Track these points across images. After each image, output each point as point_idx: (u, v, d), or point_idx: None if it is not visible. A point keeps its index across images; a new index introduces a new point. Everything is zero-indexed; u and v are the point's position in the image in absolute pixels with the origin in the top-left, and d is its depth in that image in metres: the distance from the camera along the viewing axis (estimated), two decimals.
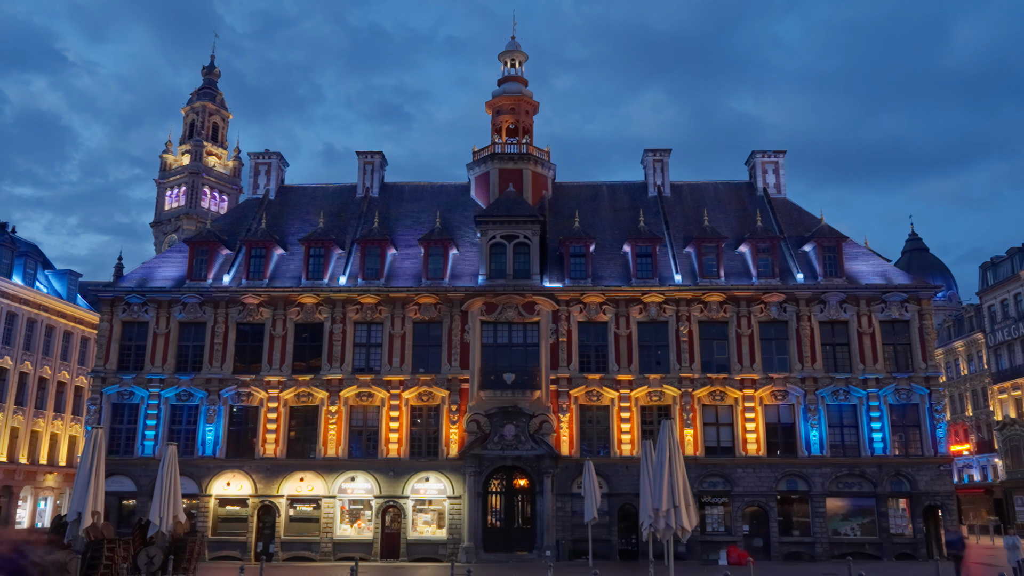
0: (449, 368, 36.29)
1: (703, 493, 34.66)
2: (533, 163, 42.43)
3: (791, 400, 35.78)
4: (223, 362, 36.61)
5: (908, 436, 35.61)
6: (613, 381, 36.02)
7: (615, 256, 38.93)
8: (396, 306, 37.08)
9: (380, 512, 35.03)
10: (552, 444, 34.99)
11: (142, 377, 36.41)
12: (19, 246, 48.49)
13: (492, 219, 37.95)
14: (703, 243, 37.99)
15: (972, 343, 63.16)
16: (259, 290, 37.23)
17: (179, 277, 38.26)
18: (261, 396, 36.18)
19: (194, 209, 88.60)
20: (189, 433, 35.98)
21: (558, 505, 34.51)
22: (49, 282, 50.62)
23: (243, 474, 35.43)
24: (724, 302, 36.84)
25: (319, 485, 35.27)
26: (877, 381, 35.83)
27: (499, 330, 37.01)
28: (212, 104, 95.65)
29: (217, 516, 35.36)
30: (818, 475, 34.87)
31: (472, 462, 34.60)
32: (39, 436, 48.44)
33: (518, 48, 46.76)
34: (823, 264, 37.72)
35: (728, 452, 35.47)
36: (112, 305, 37.44)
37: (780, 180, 43.06)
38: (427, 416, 36.20)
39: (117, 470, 34.25)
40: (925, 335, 36.52)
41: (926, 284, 38.30)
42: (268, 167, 44.07)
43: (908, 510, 34.79)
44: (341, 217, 41.89)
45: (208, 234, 40.27)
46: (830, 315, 36.72)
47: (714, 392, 35.87)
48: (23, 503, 47.30)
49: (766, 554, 33.96)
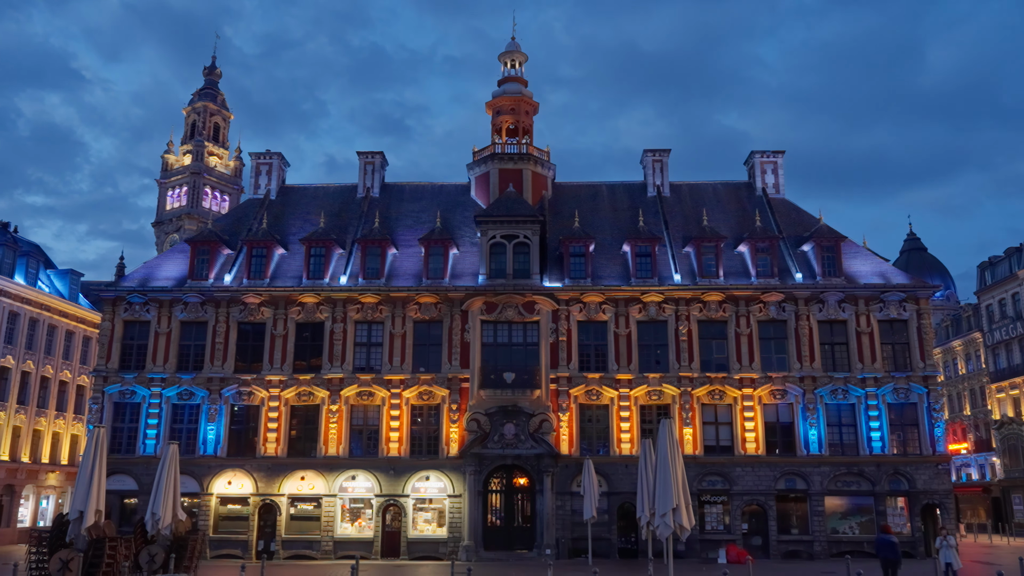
0: (449, 367, 36.25)
1: (702, 492, 34.64)
2: (533, 163, 42.39)
3: (790, 399, 35.74)
4: (224, 361, 36.59)
5: (906, 435, 35.57)
6: (613, 380, 35.98)
7: (615, 256, 38.89)
8: (397, 305, 37.04)
9: (381, 511, 35.00)
10: (552, 443, 34.95)
11: (144, 376, 36.38)
12: (21, 246, 48.41)
13: (492, 219, 37.91)
14: (702, 243, 37.95)
15: (970, 342, 63.12)
16: (260, 290, 37.20)
17: (180, 277, 38.23)
18: (262, 395, 36.15)
19: (195, 209, 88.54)
20: (191, 432, 35.96)
21: (558, 504, 34.47)
22: (51, 282, 50.56)
23: (244, 473, 35.39)
24: (723, 302, 36.79)
25: (320, 484, 35.24)
26: (875, 380, 35.79)
27: (499, 329, 36.97)
28: (213, 104, 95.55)
29: (218, 514, 35.32)
30: (817, 474, 34.83)
31: (472, 461, 34.56)
32: (41, 435, 48.39)
33: (518, 49, 46.68)
34: (822, 264, 37.67)
35: (727, 451, 35.43)
36: (114, 305, 37.42)
37: (779, 180, 43.02)
38: (427, 415, 36.17)
39: (119, 469, 34.21)
40: (923, 334, 36.48)
41: (924, 284, 38.25)
42: (269, 167, 44.04)
43: (906, 509, 34.74)
44: (342, 217, 41.85)
45: (209, 234, 40.24)
46: (829, 314, 36.68)
47: (713, 391, 35.83)
48: (25, 502, 47.25)
49: (765, 552, 33.94)
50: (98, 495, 18.80)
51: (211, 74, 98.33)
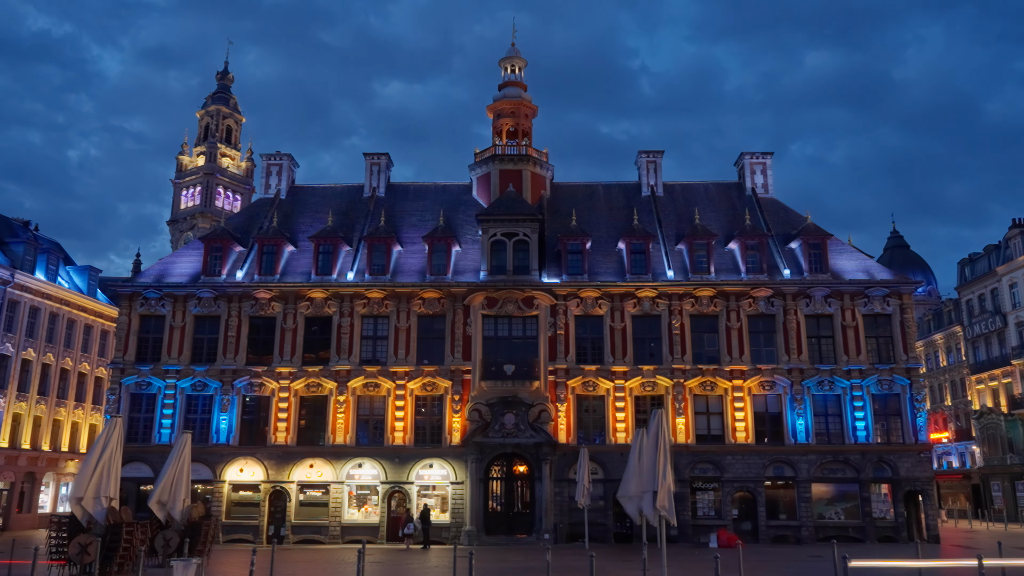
0: (452, 360, 36.23)
1: (694, 479, 34.65)
2: (532, 164, 42.33)
3: (778, 390, 35.73)
4: (236, 354, 36.57)
5: (890, 425, 35.57)
6: (608, 372, 35.96)
7: (610, 253, 38.85)
8: (401, 300, 37.01)
9: (386, 497, 35.00)
10: (550, 432, 34.94)
11: (159, 368, 36.36)
12: (42, 243, 48.35)
13: (493, 217, 37.88)
14: (694, 240, 37.91)
15: (951, 336, 63.10)
16: (271, 285, 37.16)
17: (194, 273, 38.20)
18: (272, 386, 36.14)
19: (209, 208, 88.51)
20: (204, 422, 35.95)
21: (556, 490, 34.47)
22: (70, 278, 50.50)
23: (255, 461, 35.39)
24: (714, 296, 36.77)
25: (328, 471, 35.24)
26: (860, 372, 35.78)
27: (500, 323, 36.95)
28: (226, 108, 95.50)
29: (231, 501, 35.32)
30: (804, 462, 34.83)
31: (474, 449, 34.56)
32: (61, 424, 48.39)
33: (518, 54, 46.58)
34: (809, 260, 37.64)
35: (718, 440, 35.43)
36: (130, 300, 37.41)
37: (768, 180, 42.97)
38: (431, 405, 36.16)
39: (135, 457, 34.21)
40: (906, 328, 36.45)
41: (907, 279, 38.20)
42: (279, 168, 44.00)
43: (890, 495, 34.74)
44: (349, 216, 41.81)
45: (222, 232, 40.21)
46: (815, 309, 36.66)
47: (705, 383, 35.81)
48: (46, 488, 47.27)
49: (754, 537, 33.94)
50: (110, 482, 18.55)
51: (224, 79, 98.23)
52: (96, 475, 18.25)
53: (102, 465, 18.42)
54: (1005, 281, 55.15)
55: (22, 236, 47.07)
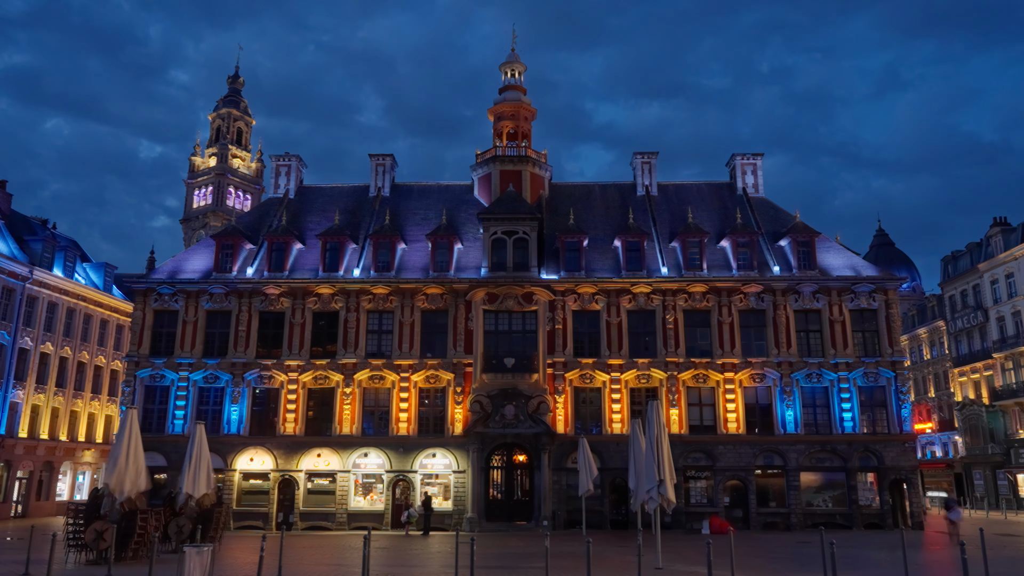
0: (454, 353, 36.20)
1: (687, 468, 34.62)
2: (531, 165, 42.25)
3: (768, 382, 35.70)
4: (247, 348, 36.53)
5: (875, 416, 35.54)
6: (605, 365, 35.93)
7: (607, 250, 38.79)
8: (406, 296, 36.97)
9: (391, 485, 35.00)
10: (549, 423, 34.93)
11: (172, 361, 36.33)
12: (59, 241, 48.26)
13: (494, 216, 37.83)
14: (687, 238, 37.85)
15: (934, 330, 63.04)
16: (280, 281, 37.11)
17: (206, 269, 38.14)
18: (281, 379, 36.11)
19: (220, 207, 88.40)
20: (215, 413, 35.94)
21: (554, 479, 34.46)
22: (87, 274, 50.41)
23: (265, 450, 35.38)
24: (707, 292, 36.72)
25: (335, 460, 35.23)
26: (847, 365, 35.73)
27: (500, 318, 36.91)
28: (236, 110, 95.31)
29: (241, 489, 35.32)
30: (793, 451, 34.81)
31: (475, 439, 34.54)
32: (78, 415, 48.35)
33: (518, 59, 46.49)
34: (798, 257, 37.59)
35: (710, 430, 35.40)
36: (145, 295, 37.38)
37: (758, 180, 42.89)
38: (434, 397, 36.13)
39: (149, 447, 33.82)
40: (891, 323, 36.42)
41: (892, 276, 38.15)
42: (288, 168, 43.92)
43: (875, 483, 34.73)
44: (355, 214, 41.75)
45: (233, 230, 40.14)
46: (804, 304, 36.62)
47: (697, 375, 35.78)
48: (63, 477, 47.26)
49: (745, 524, 33.94)
50: (139, 471, 19.11)
51: (234, 82, 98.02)
52: (130, 468, 18.62)
53: (131, 457, 18.65)
54: (987, 277, 55.08)
55: (40, 234, 47.01)
